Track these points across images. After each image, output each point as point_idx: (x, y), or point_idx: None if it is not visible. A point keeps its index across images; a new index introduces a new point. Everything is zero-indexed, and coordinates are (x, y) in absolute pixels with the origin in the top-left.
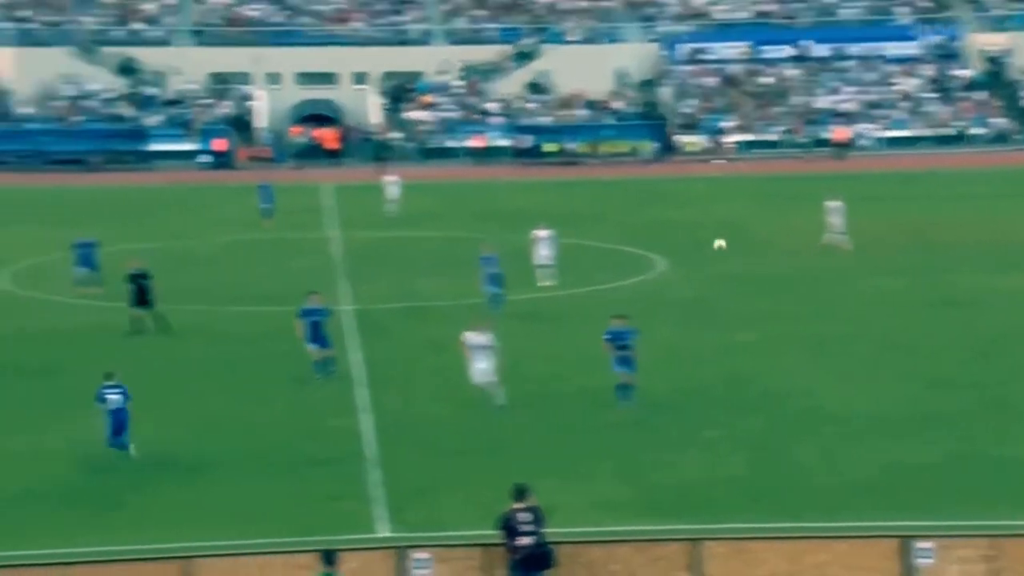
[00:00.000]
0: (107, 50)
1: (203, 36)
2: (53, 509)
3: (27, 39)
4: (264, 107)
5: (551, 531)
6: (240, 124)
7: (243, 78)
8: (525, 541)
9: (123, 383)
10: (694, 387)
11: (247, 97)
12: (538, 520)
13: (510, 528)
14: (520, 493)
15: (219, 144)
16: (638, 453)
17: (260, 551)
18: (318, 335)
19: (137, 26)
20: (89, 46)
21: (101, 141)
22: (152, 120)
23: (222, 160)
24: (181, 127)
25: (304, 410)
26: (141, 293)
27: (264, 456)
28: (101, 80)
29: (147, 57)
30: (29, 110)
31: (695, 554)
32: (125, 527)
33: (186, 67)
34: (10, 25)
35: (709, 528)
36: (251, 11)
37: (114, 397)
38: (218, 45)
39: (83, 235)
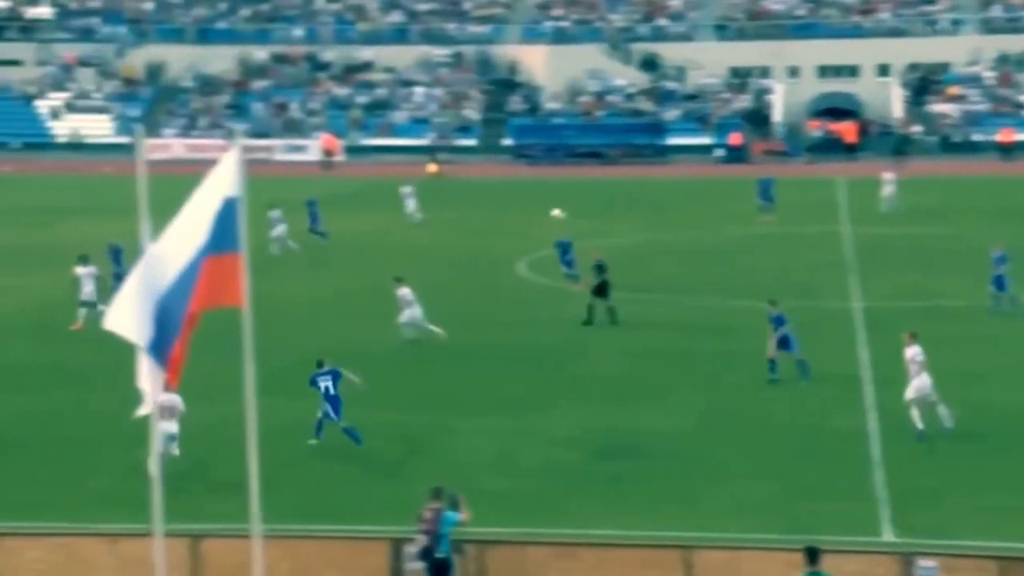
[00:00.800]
0: (633, 46)
1: (725, 31)
2: (561, 489)
3: (560, 37)
4: (781, 100)
5: None
6: (756, 118)
7: (762, 72)
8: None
9: (335, 367)
10: None
11: (765, 91)
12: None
13: None
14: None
15: (735, 138)
16: None
17: (757, 545)
18: (785, 340)
19: (662, 22)
20: (616, 43)
21: (621, 135)
22: (671, 114)
23: (737, 154)
24: (698, 121)
25: (808, 407)
26: (600, 284)
27: (764, 451)
28: (625, 75)
29: (669, 52)
30: (556, 105)
31: None
32: (627, 513)
33: (706, 62)
34: (545, 24)
35: None
36: (774, 5)
37: (325, 383)
38: (739, 39)
39: (569, 233)
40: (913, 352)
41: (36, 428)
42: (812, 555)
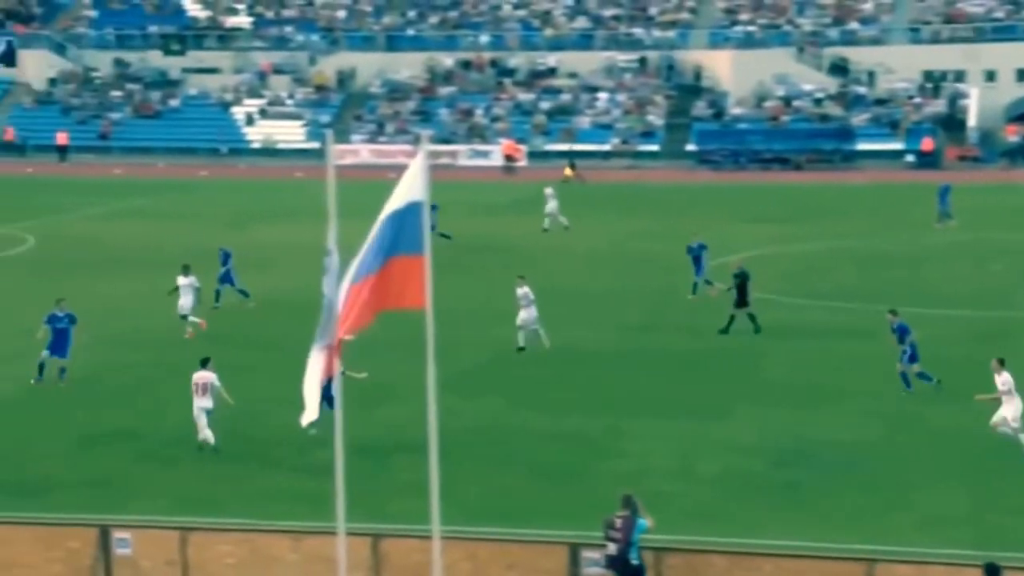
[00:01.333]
0: (822, 50)
1: (918, 33)
2: (740, 497)
3: (746, 42)
4: (976, 105)
5: None
6: (950, 123)
7: (957, 75)
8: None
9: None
10: None
11: (959, 95)
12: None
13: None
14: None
15: (926, 143)
16: None
17: (945, 560)
18: (915, 354)
19: (853, 25)
20: (804, 46)
21: (808, 140)
22: (859, 119)
23: (928, 159)
24: (888, 126)
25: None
26: (741, 292)
27: (951, 461)
28: (813, 80)
29: (859, 56)
30: (742, 111)
31: None
32: (806, 523)
33: (898, 65)
34: (732, 29)
35: None
36: (971, 7)
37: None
38: (933, 43)
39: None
40: (1002, 379)
41: (224, 426)
42: (992, 573)
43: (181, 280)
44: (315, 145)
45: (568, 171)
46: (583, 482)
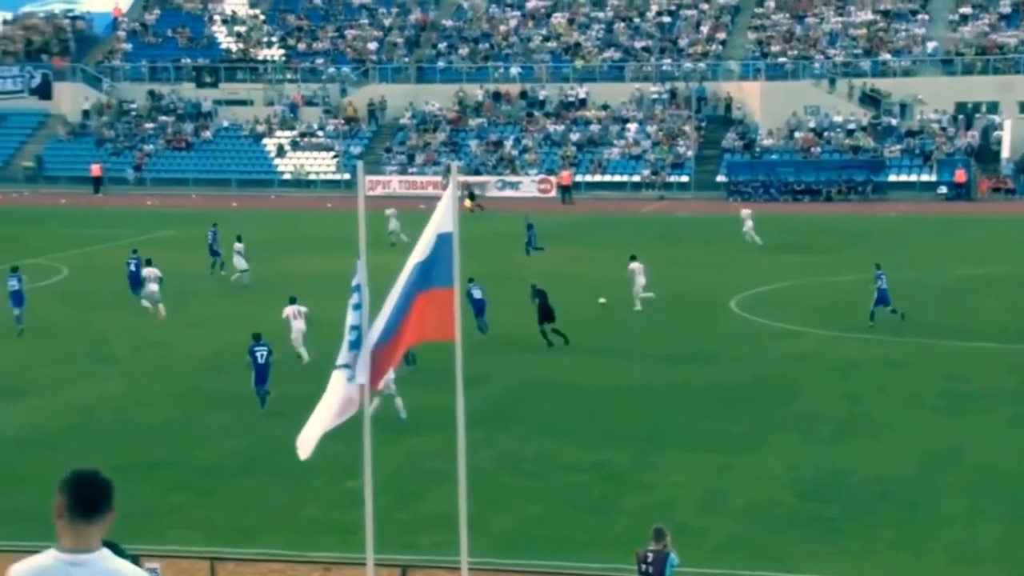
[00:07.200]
0: (853, 81)
1: (951, 65)
2: (771, 530)
3: (777, 73)
4: (1010, 136)
5: None
6: (983, 154)
7: (990, 107)
8: None
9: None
10: None
11: (992, 126)
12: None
13: None
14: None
15: (959, 175)
16: None
17: None
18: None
19: (884, 57)
20: (835, 78)
21: (839, 172)
22: (891, 151)
23: (960, 191)
24: (920, 158)
25: None
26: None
27: (989, 496)
28: (844, 111)
29: (891, 87)
30: (772, 142)
31: None
32: (841, 557)
33: (930, 97)
34: (762, 60)
35: None
36: (1005, 38)
37: (262, 351)
38: (966, 74)
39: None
40: None
41: (253, 456)
42: None
43: (147, 271)
44: (346, 176)
45: (467, 202)
46: (612, 514)
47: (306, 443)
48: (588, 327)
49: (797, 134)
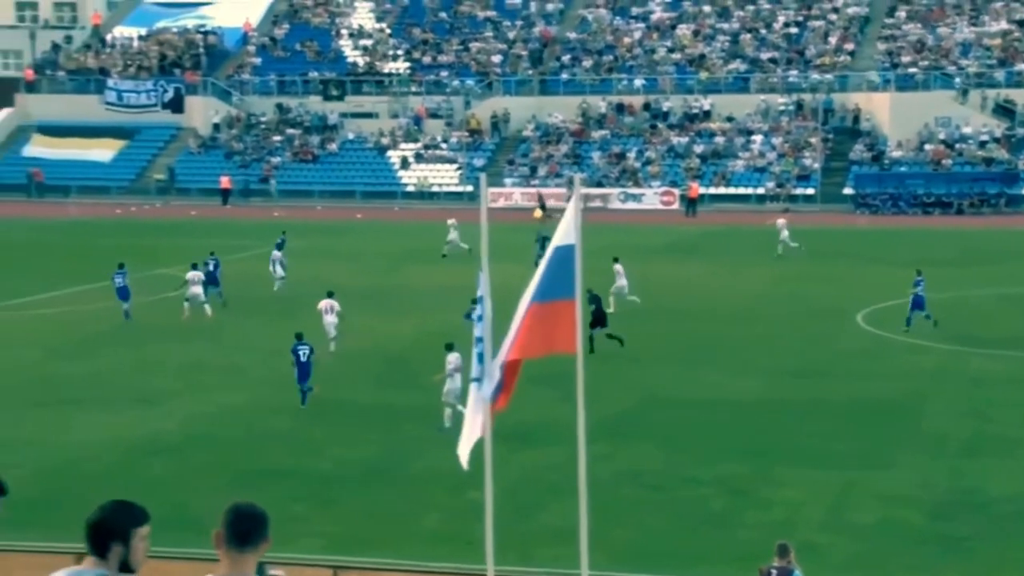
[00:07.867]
0: (986, 92)
1: None
2: (898, 549)
3: (907, 84)
4: None
5: None
6: None
7: None
8: None
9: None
10: None
11: None
12: None
13: None
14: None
15: None
16: None
17: None
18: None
19: (1019, 67)
20: (968, 88)
21: (971, 184)
22: None
23: None
24: None
25: None
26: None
27: None
28: (976, 122)
29: None
30: (902, 154)
31: None
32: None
33: None
34: (891, 71)
35: None
36: None
37: (303, 350)
38: None
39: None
40: None
41: (375, 465)
42: None
43: (191, 275)
44: (468, 188)
45: (538, 212)
46: (733, 529)
47: (463, 454)
48: (711, 342)
49: (928, 146)
